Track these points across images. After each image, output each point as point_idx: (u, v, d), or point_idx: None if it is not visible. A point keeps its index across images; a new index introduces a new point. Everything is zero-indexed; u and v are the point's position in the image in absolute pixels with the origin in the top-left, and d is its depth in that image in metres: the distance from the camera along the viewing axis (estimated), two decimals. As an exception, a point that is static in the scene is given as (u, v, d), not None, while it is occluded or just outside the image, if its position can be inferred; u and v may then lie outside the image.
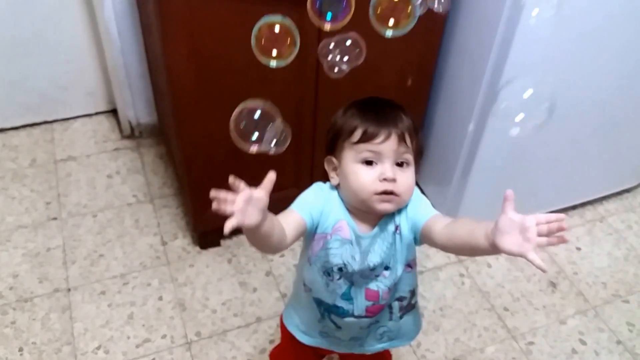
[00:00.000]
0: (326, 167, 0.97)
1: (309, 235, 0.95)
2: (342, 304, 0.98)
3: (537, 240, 0.72)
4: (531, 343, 1.52)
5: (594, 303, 1.63)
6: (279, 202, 1.72)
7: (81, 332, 1.47)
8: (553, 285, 1.67)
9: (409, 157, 0.91)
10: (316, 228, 0.94)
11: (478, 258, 1.72)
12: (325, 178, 1.75)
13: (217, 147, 1.46)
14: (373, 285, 0.96)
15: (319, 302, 1.01)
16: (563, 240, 0.71)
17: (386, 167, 0.88)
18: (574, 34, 1.38)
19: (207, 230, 1.66)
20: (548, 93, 0.85)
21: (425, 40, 1.50)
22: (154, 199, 1.85)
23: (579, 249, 1.78)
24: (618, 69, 1.52)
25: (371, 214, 0.92)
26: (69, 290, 1.57)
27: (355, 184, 0.89)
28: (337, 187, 0.96)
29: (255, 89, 1.39)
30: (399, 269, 0.96)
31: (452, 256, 1.73)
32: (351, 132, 0.90)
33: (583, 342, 1.53)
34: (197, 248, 1.70)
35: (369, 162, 0.89)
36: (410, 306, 1.05)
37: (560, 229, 0.71)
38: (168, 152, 1.94)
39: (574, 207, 1.90)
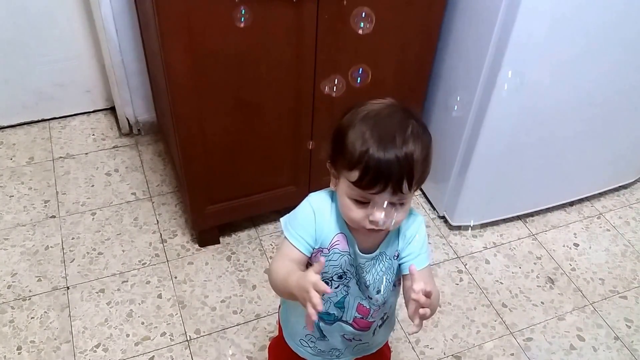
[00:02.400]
0: (329, 168, 0.90)
1: None
2: (334, 310, 0.99)
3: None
4: (529, 339, 1.53)
5: (592, 299, 1.63)
6: (277, 199, 1.75)
7: (80, 330, 1.48)
8: (551, 281, 1.68)
9: (406, 199, 0.84)
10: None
11: (476, 255, 1.73)
12: (323, 174, 1.75)
13: (216, 145, 1.46)
14: (365, 303, 0.98)
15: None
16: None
17: (376, 215, 0.82)
18: (571, 31, 1.38)
19: (206, 227, 1.66)
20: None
21: (422, 37, 1.50)
22: (153, 196, 1.85)
23: (576, 245, 1.79)
24: (616, 65, 1.52)
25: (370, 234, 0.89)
26: (68, 288, 1.57)
27: (345, 215, 0.87)
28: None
29: (253, 85, 1.39)
30: (390, 289, 0.98)
31: (451, 252, 1.73)
32: (350, 167, 0.80)
33: (581, 338, 1.54)
34: (196, 246, 1.70)
35: (360, 202, 0.83)
36: (387, 318, 1.06)
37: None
38: (166, 150, 1.94)
39: (571, 204, 1.91)
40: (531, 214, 1.86)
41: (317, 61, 1.39)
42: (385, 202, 0.81)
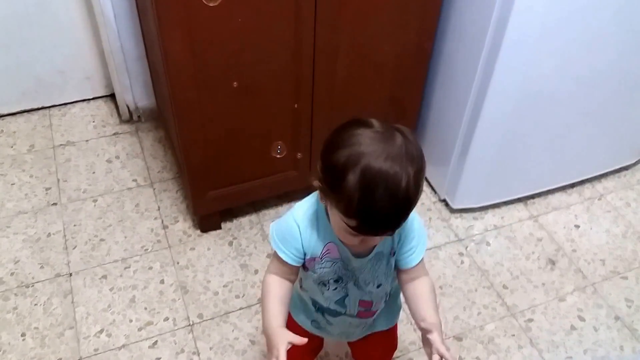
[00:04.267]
0: (317, 187, 0.83)
1: None
2: (335, 307, 1.00)
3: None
4: (530, 320, 1.53)
5: (593, 280, 1.64)
6: (277, 184, 1.75)
7: (83, 316, 1.49)
8: (552, 262, 1.68)
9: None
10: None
11: (477, 237, 1.73)
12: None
13: (216, 130, 1.46)
14: (366, 297, 0.98)
15: (314, 302, 1.03)
16: None
17: (372, 243, 0.85)
18: (569, 12, 1.37)
19: (207, 213, 1.67)
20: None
21: (421, 20, 1.49)
22: (154, 183, 1.85)
23: (577, 226, 1.79)
24: (615, 47, 1.51)
25: None
26: (71, 275, 1.58)
27: (339, 235, 0.85)
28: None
29: (252, 70, 1.38)
30: (390, 281, 0.99)
31: (452, 235, 1.74)
32: (348, 214, 0.76)
33: (582, 319, 1.54)
34: (198, 231, 1.70)
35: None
36: (390, 297, 1.07)
37: None
38: (167, 136, 1.93)
39: (572, 185, 1.91)
40: (532, 196, 1.85)
41: (316, 44, 1.38)
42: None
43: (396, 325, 1.18)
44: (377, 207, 0.74)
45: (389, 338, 1.21)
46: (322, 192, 0.81)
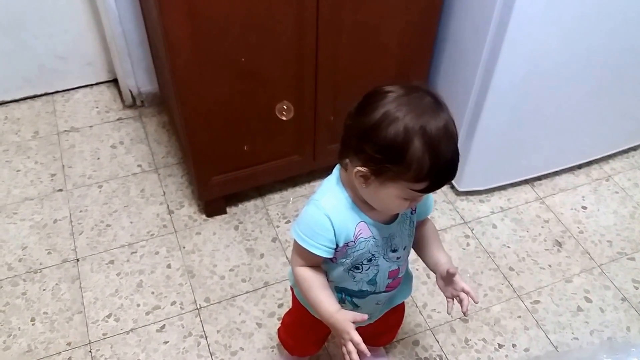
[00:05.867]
0: (352, 175, 0.85)
1: None
2: (366, 287, 1.01)
3: (456, 294, 1.01)
4: (537, 302, 1.53)
5: (600, 261, 1.63)
6: (281, 169, 1.74)
7: (91, 301, 1.50)
8: (558, 244, 1.67)
9: None
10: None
11: (483, 219, 1.73)
12: (327, 142, 1.74)
13: (219, 113, 1.45)
14: (394, 265, 1.00)
15: (340, 290, 1.02)
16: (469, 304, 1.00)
17: (418, 201, 0.89)
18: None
19: (212, 198, 1.67)
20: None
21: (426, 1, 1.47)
22: (159, 168, 1.85)
23: (584, 207, 1.78)
24: (623, 25, 1.48)
25: None
26: (78, 260, 1.59)
27: (386, 208, 0.89)
28: (342, 181, 0.90)
29: (254, 53, 1.37)
30: (411, 241, 1.01)
31: (457, 218, 1.73)
32: (417, 179, 0.80)
33: (588, 300, 1.54)
34: (203, 216, 1.70)
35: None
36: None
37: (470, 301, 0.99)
38: (170, 121, 1.93)
39: (579, 166, 1.89)
40: (539, 178, 1.84)
41: (319, 24, 1.37)
42: None
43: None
44: (446, 160, 0.80)
45: (399, 311, 1.23)
46: (375, 173, 0.82)
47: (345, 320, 0.90)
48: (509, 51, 1.40)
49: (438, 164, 0.79)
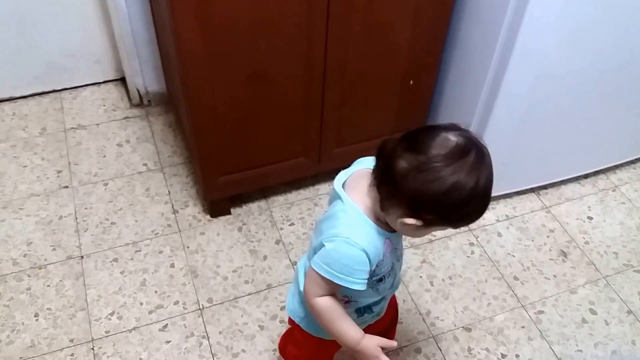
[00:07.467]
0: (395, 222, 0.86)
1: None
2: (386, 293, 1.04)
3: None
4: (541, 312, 1.52)
5: (605, 273, 1.62)
6: (287, 171, 1.74)
7: (95, 298, 1.50)
8: (564, 254, 1.66)
9: None
10: None
11: (488, 227, 1.72)
12: (333, 146, 1.73)
13: (227, 115, 1.45)
14: (399, 271, 1.05)
15: (359, 308, 1.03)
16: None
17: None
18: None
19: (217, 198, 1.67)
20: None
21: (437, 1, 1.46)
22: (164, 167, 1.85)
23: (590, 218, 1.77)
24: (633, 34, 1.47)
25: None
26: (82, 257, 1.59)
27: (414, 237, 0.94)
28: (356, 203, 0.90)
29: (263, 53, 1.37)
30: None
31: (463, 225, 1.72)
32: (463, 225, 0.90)
33: (593, 312, 1.53)
34: (208, 216, 1.70)
35: None
36: None
37: None
38: (177, 121, 1.93)
39: (586, 176, 1.88)
40: (545, 187, 1.83)
41: (329, 26, 1.36)
42: None
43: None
44: (488, 203, 0.86)
45: (393, 307, 1.24)
46: (426, 225, 0.84)
47: (374, 346, 0.93)
48: (519, 58, 1.40)
49: (485, 209, 0.86)
